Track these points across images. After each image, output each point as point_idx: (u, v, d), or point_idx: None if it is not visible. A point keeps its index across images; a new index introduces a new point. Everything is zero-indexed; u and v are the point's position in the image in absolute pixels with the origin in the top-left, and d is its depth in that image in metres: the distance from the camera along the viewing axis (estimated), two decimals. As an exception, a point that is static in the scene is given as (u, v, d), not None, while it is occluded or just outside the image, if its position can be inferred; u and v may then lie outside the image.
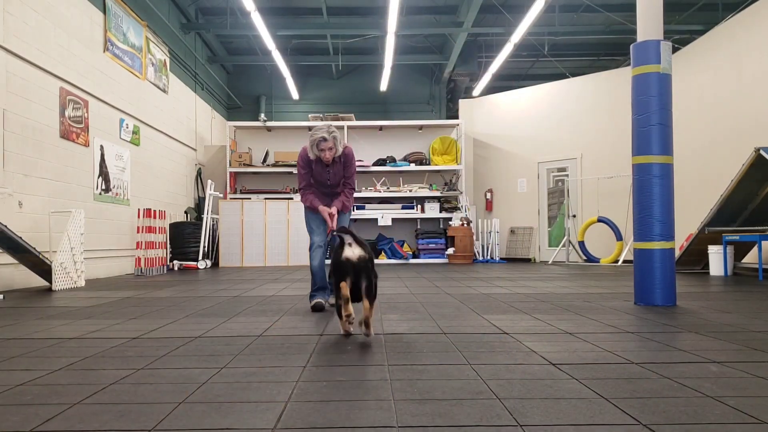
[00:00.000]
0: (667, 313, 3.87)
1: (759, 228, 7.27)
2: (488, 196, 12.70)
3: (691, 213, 9.05)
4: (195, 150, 12.18)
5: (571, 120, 11.58)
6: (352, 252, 2.95)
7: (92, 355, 2.64)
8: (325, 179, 4.31)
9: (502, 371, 2.23)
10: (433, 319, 3.62)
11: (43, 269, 5.95)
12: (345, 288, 2.86)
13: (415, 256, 11.92)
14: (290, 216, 10.82)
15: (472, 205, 12.46)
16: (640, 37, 4.43)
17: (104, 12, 8.20)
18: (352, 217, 12.44)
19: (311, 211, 4.36)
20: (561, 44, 14.87)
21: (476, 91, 15.71)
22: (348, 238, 3.03)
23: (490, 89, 15.71)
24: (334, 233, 3.35)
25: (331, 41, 14.27)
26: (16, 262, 5.92)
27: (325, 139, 4.10)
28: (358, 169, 12.29)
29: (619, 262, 10.09)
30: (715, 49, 8.98)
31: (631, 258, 4.85)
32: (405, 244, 12.17)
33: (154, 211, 8.75)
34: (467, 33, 12.50)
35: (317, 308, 4.17)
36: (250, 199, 11.38)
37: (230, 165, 11.84)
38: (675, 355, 2.53)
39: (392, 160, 12.11)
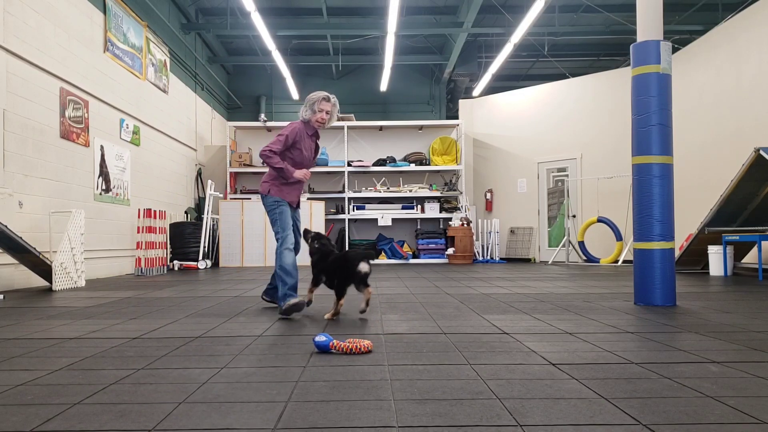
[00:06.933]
0: (667, 313, 3.88)
1: (759, 228, 7.27)
2: (488, 196, 12.70)
3: (691, 213, 9.04)
4: (195, 150, 12.18)
5: (571, 120, 11.58)
6: (367, 266, 3.71)
7: (92, 355, 2.64)
8: (308, 156, 4.06)
9: (502, 371, 2.23)
10: (433, 319, 3.62)
11: (44, 269, 5.95)
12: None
13: (415, 257, 11.92)
14: (290, 216, 10.80)
15: (472, 206, 12.46)
16: (640, 37, 4.44)
17: (104, 12, 8.20)
18: (352, 217, 12.61)
19: (280, 202, 4.01)
20: (561, 44, 14.87)
21: (476, 92, 15.71)
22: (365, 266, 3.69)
23: (490, 89, 15.71)
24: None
25: (331, 41, 14.27)
26: (16, 262, 5.92)
27: (328, 99, 3.94)
28: (358, 169, 12.43)
29: (619, 263, 10.09)
30: (715, 49, 8.98)
31: (631, 258, 4.85)
32: (405, 245, 12.17)
33: (154, 211, 8.75)
34: (467, 33, 12.50)
35: (299, 308, 3.73)
36: (250, 199, 11.38)
37: (230, 165, 11.84)
38: (675, 355, 2.53)
39: (392, 160, 12.11)
